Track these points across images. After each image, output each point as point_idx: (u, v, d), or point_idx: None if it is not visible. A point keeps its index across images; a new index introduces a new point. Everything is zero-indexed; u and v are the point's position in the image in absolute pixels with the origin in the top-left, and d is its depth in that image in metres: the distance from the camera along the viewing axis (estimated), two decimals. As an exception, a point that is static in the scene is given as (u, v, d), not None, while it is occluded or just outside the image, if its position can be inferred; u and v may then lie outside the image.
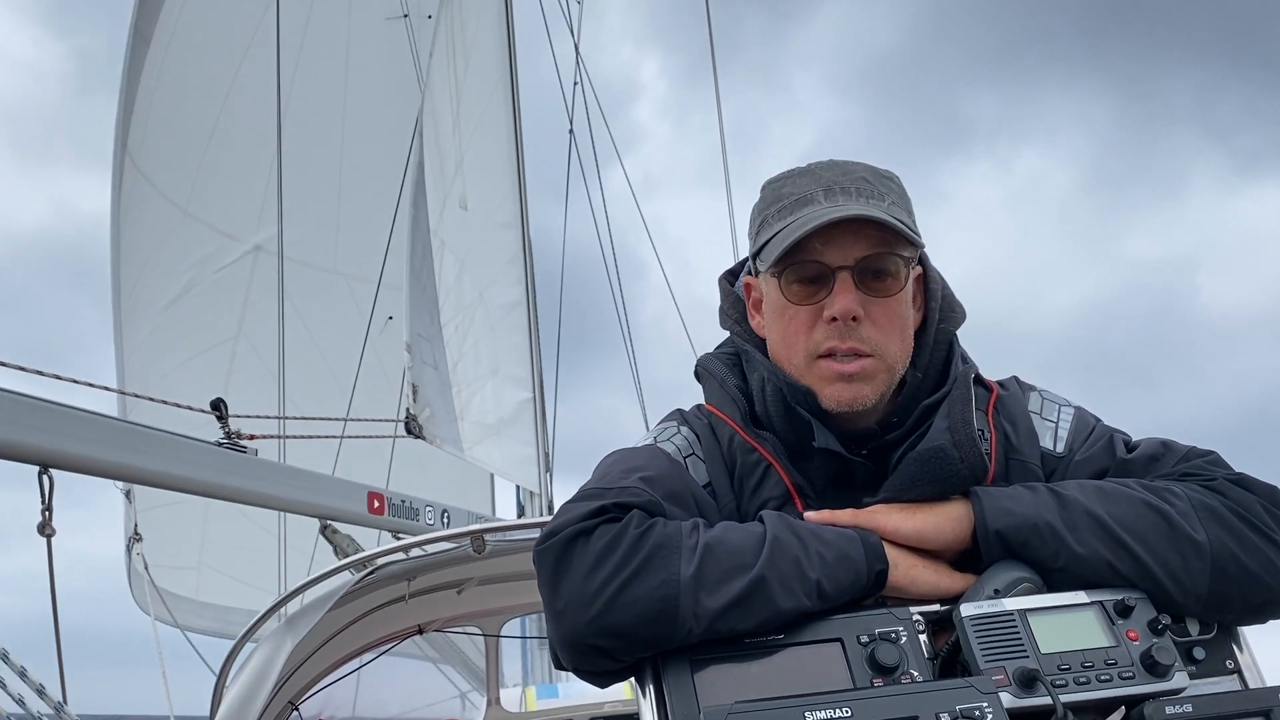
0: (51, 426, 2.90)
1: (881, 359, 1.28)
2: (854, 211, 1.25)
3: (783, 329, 1.33)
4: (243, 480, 3.72)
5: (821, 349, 1.28)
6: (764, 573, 1.12)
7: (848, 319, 1.26)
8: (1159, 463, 1.28)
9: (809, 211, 1.28)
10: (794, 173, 1.36)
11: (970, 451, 1.23)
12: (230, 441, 3.98)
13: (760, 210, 1.37)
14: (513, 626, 4.04)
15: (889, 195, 1.31)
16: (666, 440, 1.37)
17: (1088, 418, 1.38)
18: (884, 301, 1.29)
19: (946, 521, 1.22)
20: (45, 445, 2.86)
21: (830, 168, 1.33)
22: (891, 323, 1.30)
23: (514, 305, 6.28)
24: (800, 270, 1.29)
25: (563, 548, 1.15)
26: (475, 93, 6.32)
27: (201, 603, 8.64)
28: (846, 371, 1.27)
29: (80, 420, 3.02)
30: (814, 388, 1.30)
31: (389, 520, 4.63)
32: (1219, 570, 1.14)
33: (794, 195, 1.32)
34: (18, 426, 2.78)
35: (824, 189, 1.30)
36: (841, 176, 1.31)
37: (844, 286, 1.27)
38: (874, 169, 1.34)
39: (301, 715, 3.01)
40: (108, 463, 3.10)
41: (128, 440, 3.19)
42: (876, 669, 1.09)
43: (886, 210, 1.28)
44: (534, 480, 6.09)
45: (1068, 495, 1.20)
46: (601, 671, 1.17)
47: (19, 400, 2.81)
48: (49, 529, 2.85)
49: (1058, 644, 1.10)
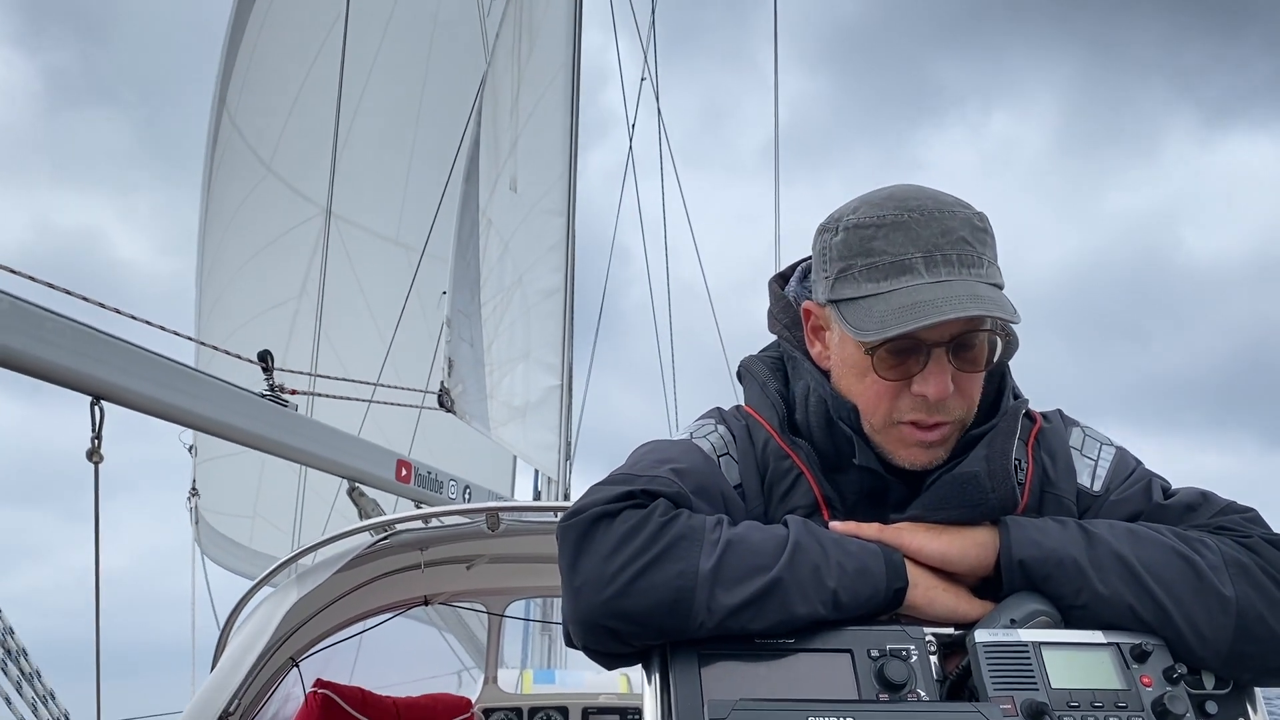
0: (107, 359, 2.98)
1: (960, 422, 1.27)
2: (966, 311, 1.17)
3: (862, 390, 1.28)
4: (279, 432, 3.76)
5: (904, 419, 1.25)
6: (782, 575, 1.12)
7: (941, 400, 1.23)
8: (1195, 513, 1.26)
9: (908, 283, 1.21)
10: (886, 222, 1.24)
11: (1003, 482, 1.22)
12: (273, 394, 4.03)
13: (843, 256, 1.27)
14: (517, 608, 4.06)
15: (986, 255, 1.24)
16: (703, 437, 1.37)
17: (1129, 459, 1.35)
18: (974, 375, 1.25)
19: (972, 546, 1.21)
20: (100, 375, 2.94)
21: (928, 222, 1.23)
22: (976, 390, 1.27)
23: (552, 292, 6.29)
24: (893, 345, 1.22)
25: (586, 526, 1.16)
26: (536, 76, 6.34)
27: (254, 550, 8.83)
28: (928, 440, 1.25)
29: (134, 356, 3.09)
30: (888, 447, 1.27)
31: (414, 490, 4.67)
32: (1243, 628, 1.12)
33: (890, 257, 1.22)
34: (77, 355, 2.85)
35: (924, 255, 1.21)
36: (941, 238, 1.22)
37: (938, 367, 1.22)
38: (970, 220, 1.25)
39: (301, 672, 3.04)
40: (155, 400, 3.16)
41: (177, 381, 3.25)
42: (884, 684, 1.09)
43: (987, 277, 1.22)
44: (553, 467, 6.10)
45: (1097, 533, 1.19)
46: (610, 653, 1.17)
47: (81, 330, 2.89)
48: (97, 456, 2.92)
49: (1070, 681, 1.09)
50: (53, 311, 2.82)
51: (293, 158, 8.68)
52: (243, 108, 8.54)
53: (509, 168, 6.30)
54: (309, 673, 3.04)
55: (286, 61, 8.48)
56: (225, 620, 2.69)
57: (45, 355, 2.75)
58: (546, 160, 6.32)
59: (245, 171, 8.66)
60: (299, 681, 3.01)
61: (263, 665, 2.60)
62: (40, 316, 2.75)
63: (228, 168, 8.62)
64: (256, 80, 8.51)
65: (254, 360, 4.32)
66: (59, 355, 2.79)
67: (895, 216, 1.24)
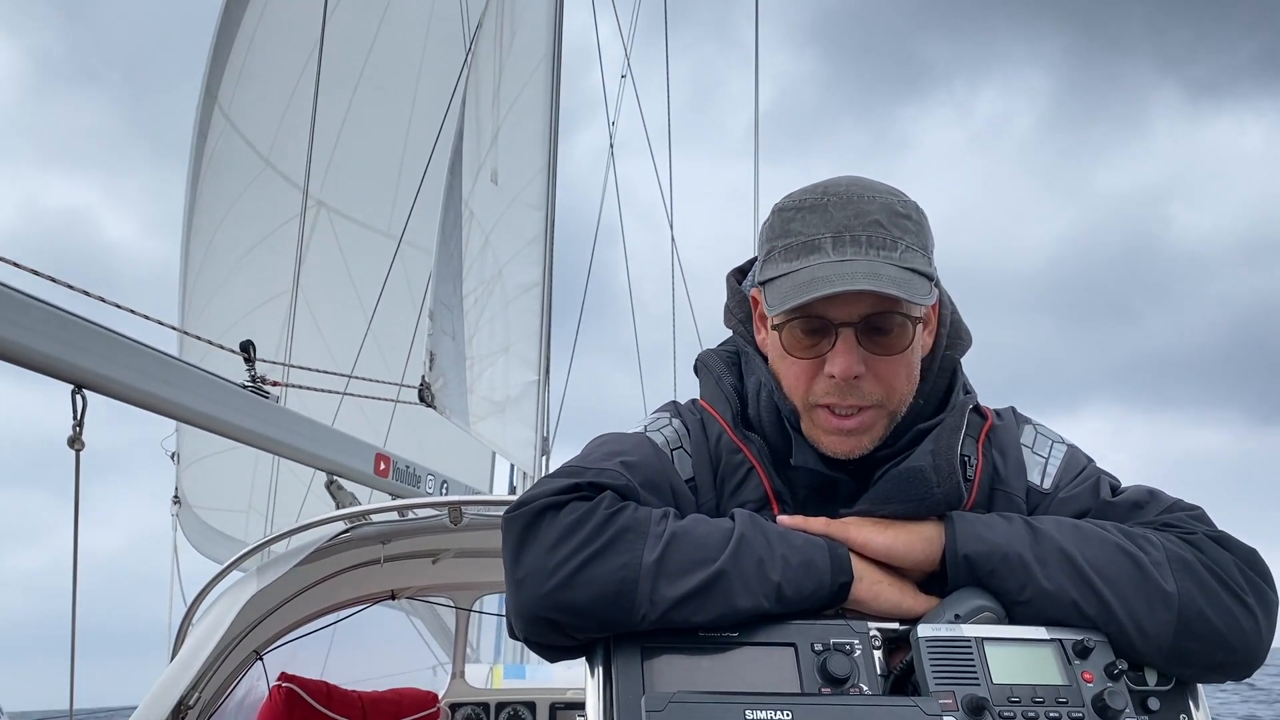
0: (89, 347, 2.95)
1: (882, 408, 1.25)
2: (858, 285, 1.17)
3: (783, 371, 1.29)
4: (258, 424, 3.74)
5: (820, 401, 1.25)
6: (725, 567, 1.11)
7: (847, 379, 1.22)
8: (1142, 510, 1.26)
9: (814, 262, 1.21)
10: (806, 204, 1.26)
11: (948, 477, 1.22)
12: (254, 385, 4.00)
13: (768, 239, 1.29)
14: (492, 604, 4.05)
15: (903, 240, 1.23)
16: (657, 430, 1.36)
17: (1080, 457, 1.35)
18: (888, 358, 1.24)
19: (917, 540, 1.20)
20: (81, 364, 2.91)
21: (845, 204, 1.24)
22: (895, 374, 1.25)
23: (531, 286, 6.27)
24: (802, 324, 1.23)
25: (531, 518, 1.15)
26: (518, 68, 6.31)
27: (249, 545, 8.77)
28: (845, 427, 1.24)
29: (117, 345, 3.06)
30: (811, 434, 1.27)
31: (391, 483, 4.66)
32: (1184, 624, 1.12)
33: (802, 237, 1.24)
34: (59, 343, 2.82)
35: (833, 236, 1.22)
36: (854, 220, 1.22)
37: (845, 345, 1.21)
38: (890, 206, 1.25)
39: (265, 666, 3.02)
40: (136, 389, 3.13)
41: (158, 370, 3.22)
42: (826, 678, 1.08)
43: (898, 260, 1.20)
44: (529, 462, 6.08)
45: (1042, 529, 1.18)
46: (553, 646, 1.16)
47: (62, 317, 2.85)
48: (79, 444, 2.89)
49: (1011, 676, 1.09)
50: (33, 297, 2.79)
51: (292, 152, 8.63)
52: (239, 101, 8.48)
53: (490, 159, 6.28)
54: (275, 666, 3.02)
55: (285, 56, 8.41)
56: (187, 610, 2.67)
57: (25, 342, 2.72)
58: (527, 153, 6.30)
59: (241, 165, 8.60)
60: (263, 675, 2.99)
61: (224, 658, 2.58)
62: (21, 303, 2.72)
63: (221, 161, 8.55)
64: (254, 74, 8.45)
65: (235, 350, 4.30)
66: (39, 342, 2.76)
67: (815, 200, 1.26)
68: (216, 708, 2.77)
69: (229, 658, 2.64)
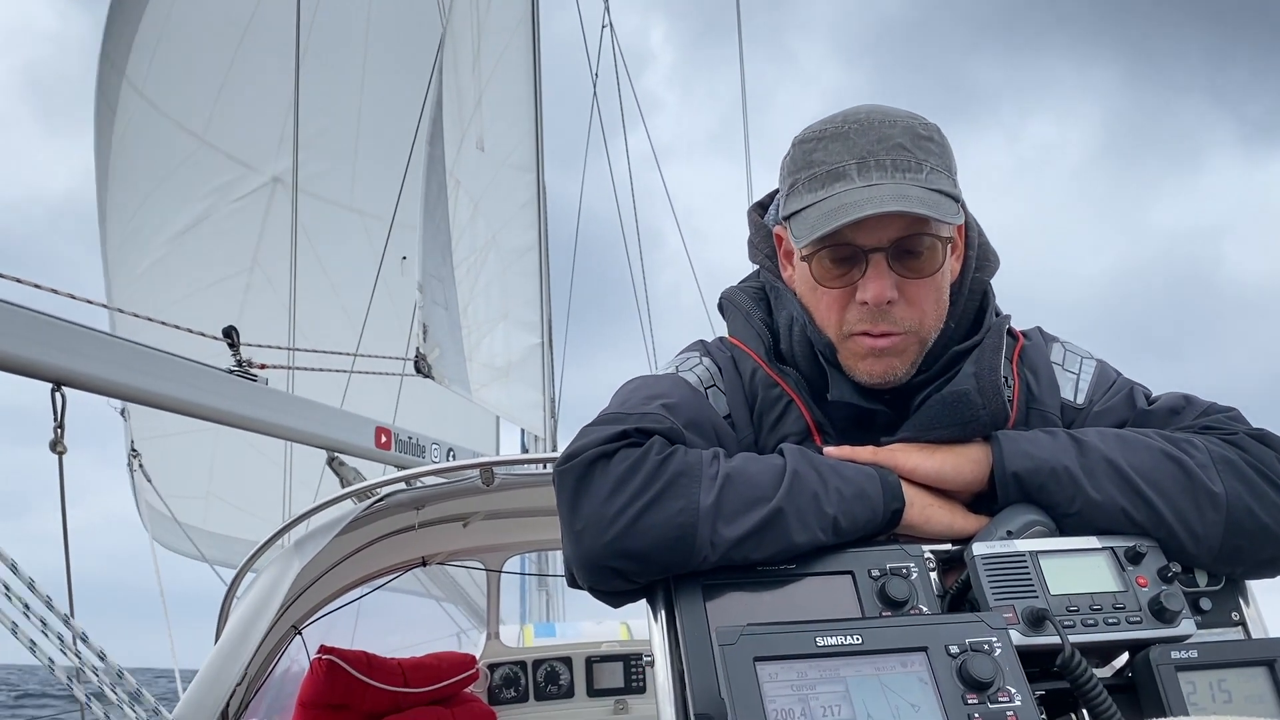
0: (66, 345, 2.92)
1: (914, 334, 1.26)
2: (886, 207, 1.17)
3: (814, 304, 1.30)
4: (252, 409, 3.74)
5: (854, 330, 1.26)
6: (781, 505, 1.13)
7: (880, 305, 1.23)
8: (1179, 416, 1.28)
9: (841, 189, 1.22)
10: (827, 133, 1.27)
11: (993, 398, 1.23)
12: (241, 370, 4.00)
13: (790, 172, 1.30)
14: (513, 565, 4.09)
15: (927, 162, 1.23)
16: (688, 370, 1.37)
17: (1109, 370, 1.37)
18: (919, 281, 1.25)
19: (965, 462, 1.23)
20: (59, 363, 2.87)
21: (865, 130, 1.24)
22: (926, 299, 1.26)
23: (526, 250, 6.26)
24: (832, 252, 1.24)
25: (584, 469, 1.16)
26: (496, 30, 6.25)
27: (209, 532, 8.65)
28: (879, 347, 1.25)
29: (94, 341, 3.04)
30: (846, 363, 1.28)
31: (395, 455, 4.68)
32: (1233, 523, 1.15)
33: (826, 165, 1.24)
34: (33, 343, 2.79)
35: (857, 161, 1.22)
36: (877, 145, 1.23)
37: (877, 271, 1.22)
38: (913, 129, 1.25)
39: (305, 640, 3.06)
40: (119, 384, 3.12)
41: (141, 363, 3.21)
42: (886, 602, 1.11)
43: (924, 182, 1.21)
44: (540, 424, 6.11)
45: (1087, 441, 1.20)
46: (616, 591, 1.18)
47: (35, 317, 2.83)
48: (60, 446, 2.86)
49: (1067, 586, 1.11)
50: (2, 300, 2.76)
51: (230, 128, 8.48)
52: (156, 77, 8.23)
53: (474, 126, 6.23)
54: (312, 640, 3.06)
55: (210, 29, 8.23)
56: (228, 588, 2.69)
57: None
58: (513, 116, 6.26)
59: (170, 143, 8.37)
60: (303, 649, 3.03)
61: (267, 635, 2.61)
62: None
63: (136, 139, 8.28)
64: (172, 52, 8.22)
65: (219, 337, 4.29)
66: (14, 345, 2.73)
67: (836, 128, 1.27)
68: (260, 685, 2.81)
69: (270, 634, 2.67)
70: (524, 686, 3.85)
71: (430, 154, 6.35)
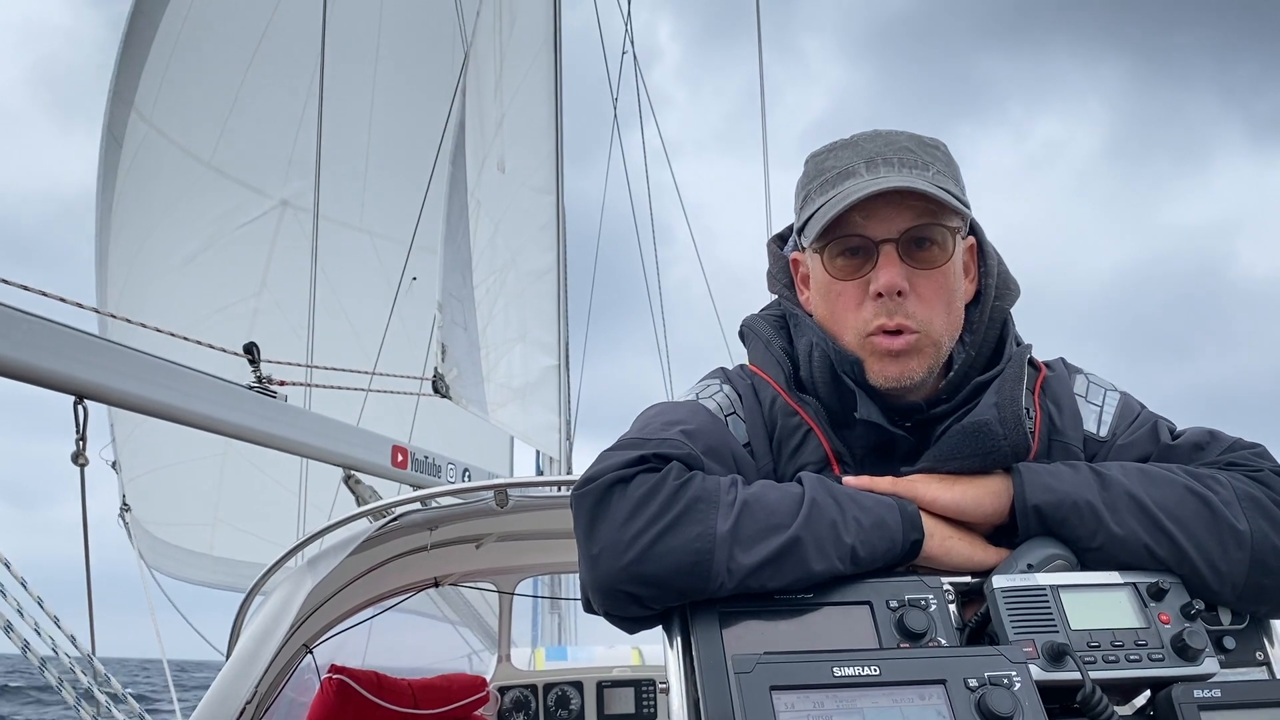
0: (90, 359, 2.94)
1: (927, 334, 1.27)
2: (894, 183, 1.23)
3: (830, 306, 1.32)
4: (271, 425, 3.76)
5: (871, 327, 1.27)
6: (799, 533, 1.12)
7: (893, 293, 1.24)
8: (1204, 451, 1.27)
9: (850, 185, 1.26)
10: (837, 145, 1.34)
11: (1014, 429, 1.22)
12: (261, 386, 4.02)
13: (803, 185, 1.35)
14: (525, 587, 4.08)
15: (934, 164, 1.29)
16: (709, 397, 1.37)
17: (1133, 404, 1.36)
18: (930, 274, 1.27)
19: (986, 494, 1.22)
20: (84, 376, 2.90)
21: (873, 139, 1.31)
22: (938, 295, 1.27)
23: (545, 271, 6.28)
24: (843, 244, 1.27)
25: (601, 493, 1.16)
26: (519, 53, 6.30)
27: (215, 558, 8.66)
28: (894, 348, 1.26)
29: (118, 355, 3.06)
30: (868, 371, 1.29)
31: (411, 475, 4.68)
32: (1258, 561, 1.13)
33: (836, 169, 1.30)
34: (59, 356, 2.81)
35: (866, 161, 1.28)
36: (884, 147, 1.29)
37: (888, 260, 1.25)
38: (919, 138, 1.32)
39: (315, 659, 3.04)
40: (142, 398, 3.14)
41: (163, 378, 3.23)
42: (904, 634, 1.10)
43: (930, 180, 1.26)
44: (555, 447, 6.10)
45: (1109, 475, 1.19)
46: (631, 617, 1.17)
47: (60, 331, 2.85)
48: (83, 458, 2.88)
49: (1089, 622, 1.10)
50: (28, 313, 2.78)
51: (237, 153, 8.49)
52: (162, 107, 8.23)
53: (495, 148, 6.27)
54: (322, 659, 3.05)
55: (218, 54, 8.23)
56: (237, 610, 2.69)
57: (23, 358, 2.71)
58: (533, 138, 6.29)
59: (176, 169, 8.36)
60: (314, 668, 3.02)
61: (278, 653, 2.61)
62: (14, 318, 2.71)
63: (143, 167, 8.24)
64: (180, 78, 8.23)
65: (239, 353, 4.32)
66: (39, 357, 2.75)
67: (845, 140, 1.35)
68: (270, 704, 2.80)
69: (281, 653, 2.66)
70: (534, 710, 3.83)
71: (453, 175, 6.39)
